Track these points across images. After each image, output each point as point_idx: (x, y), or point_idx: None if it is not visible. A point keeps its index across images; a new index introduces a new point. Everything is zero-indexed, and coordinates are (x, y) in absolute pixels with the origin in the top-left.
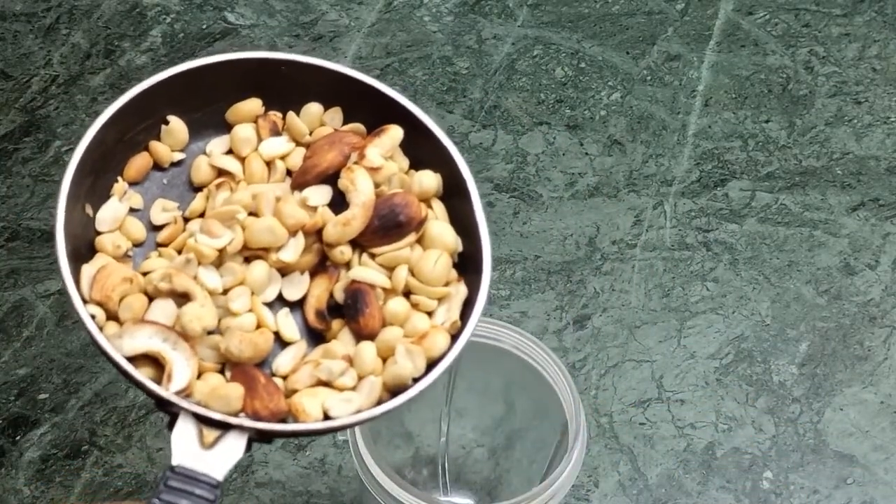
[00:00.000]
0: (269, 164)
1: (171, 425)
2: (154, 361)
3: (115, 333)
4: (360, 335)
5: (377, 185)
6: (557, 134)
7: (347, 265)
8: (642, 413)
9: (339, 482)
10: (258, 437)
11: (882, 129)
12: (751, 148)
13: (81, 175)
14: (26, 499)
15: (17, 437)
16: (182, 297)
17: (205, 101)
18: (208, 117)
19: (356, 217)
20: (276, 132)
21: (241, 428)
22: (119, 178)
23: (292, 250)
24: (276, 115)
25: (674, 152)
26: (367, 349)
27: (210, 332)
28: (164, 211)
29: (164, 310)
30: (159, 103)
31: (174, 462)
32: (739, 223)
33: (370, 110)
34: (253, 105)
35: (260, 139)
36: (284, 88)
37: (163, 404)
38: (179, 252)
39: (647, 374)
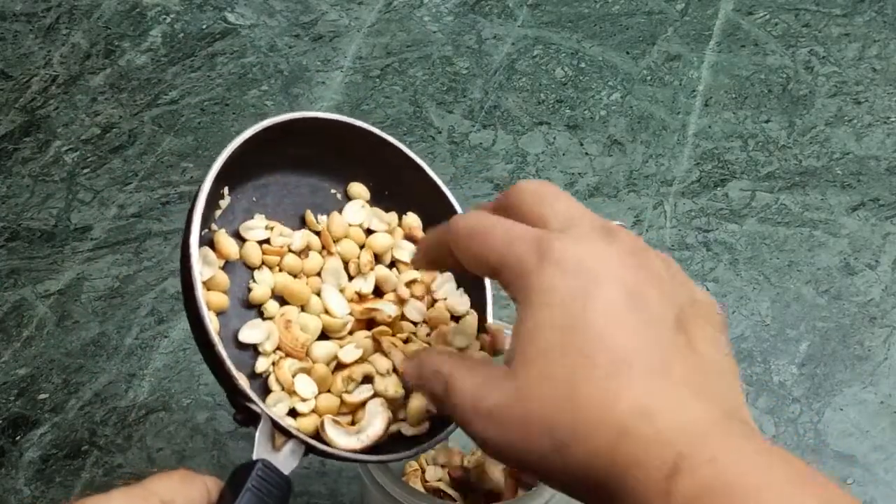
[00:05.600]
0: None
1: (241, 421)
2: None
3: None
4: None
5: None
6: (557, 134)
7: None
8: None
9: (340, 483)
10: (306, 451)
11: (882, 129)
12: (751, 148)
13: (215, 180)
14: (26, 499)
15: (17, 437)
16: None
17: (320, 148)
18: (317, 160)
19: None
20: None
21: (298, 440)
22: (225, 190)
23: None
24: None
25: (674, 152)
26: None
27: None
28: (281, 236)
29: (325, 349)
30: (280, 135)
31: (256, 456)
32: (739, 223)
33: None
34: (362, 190)
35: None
36: (388, 169)
37: (241, 398)
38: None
39: None
